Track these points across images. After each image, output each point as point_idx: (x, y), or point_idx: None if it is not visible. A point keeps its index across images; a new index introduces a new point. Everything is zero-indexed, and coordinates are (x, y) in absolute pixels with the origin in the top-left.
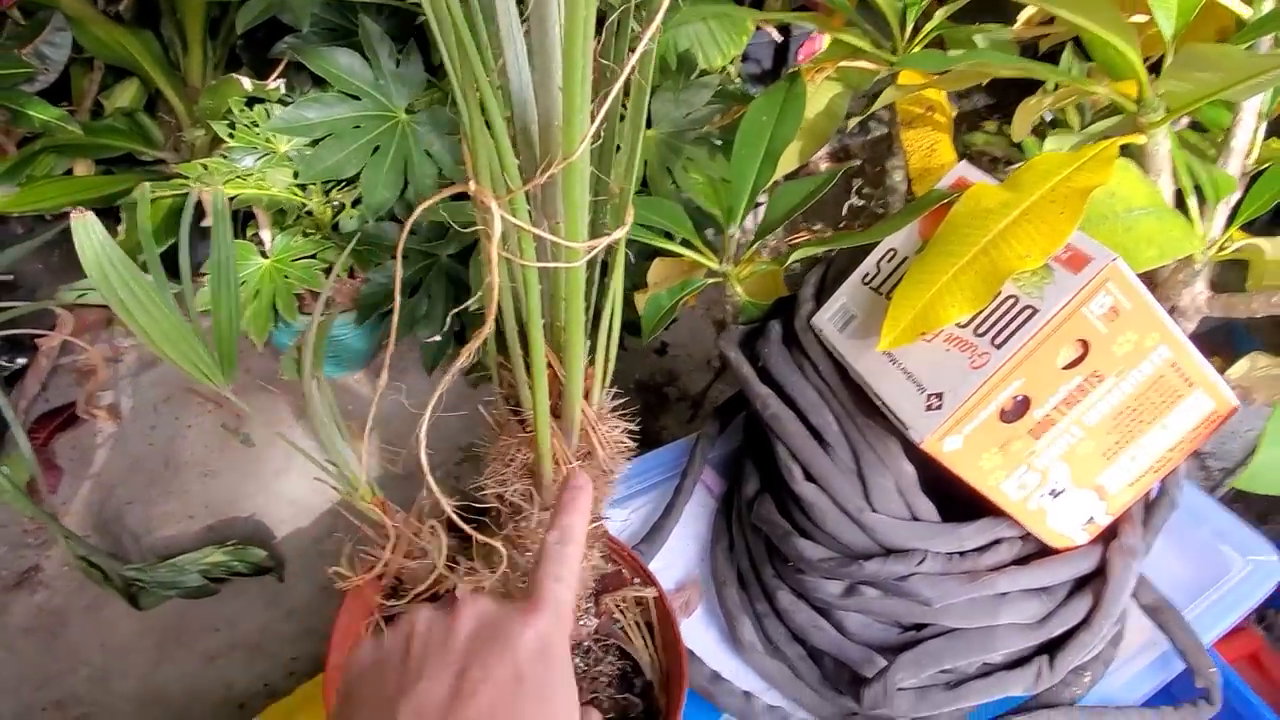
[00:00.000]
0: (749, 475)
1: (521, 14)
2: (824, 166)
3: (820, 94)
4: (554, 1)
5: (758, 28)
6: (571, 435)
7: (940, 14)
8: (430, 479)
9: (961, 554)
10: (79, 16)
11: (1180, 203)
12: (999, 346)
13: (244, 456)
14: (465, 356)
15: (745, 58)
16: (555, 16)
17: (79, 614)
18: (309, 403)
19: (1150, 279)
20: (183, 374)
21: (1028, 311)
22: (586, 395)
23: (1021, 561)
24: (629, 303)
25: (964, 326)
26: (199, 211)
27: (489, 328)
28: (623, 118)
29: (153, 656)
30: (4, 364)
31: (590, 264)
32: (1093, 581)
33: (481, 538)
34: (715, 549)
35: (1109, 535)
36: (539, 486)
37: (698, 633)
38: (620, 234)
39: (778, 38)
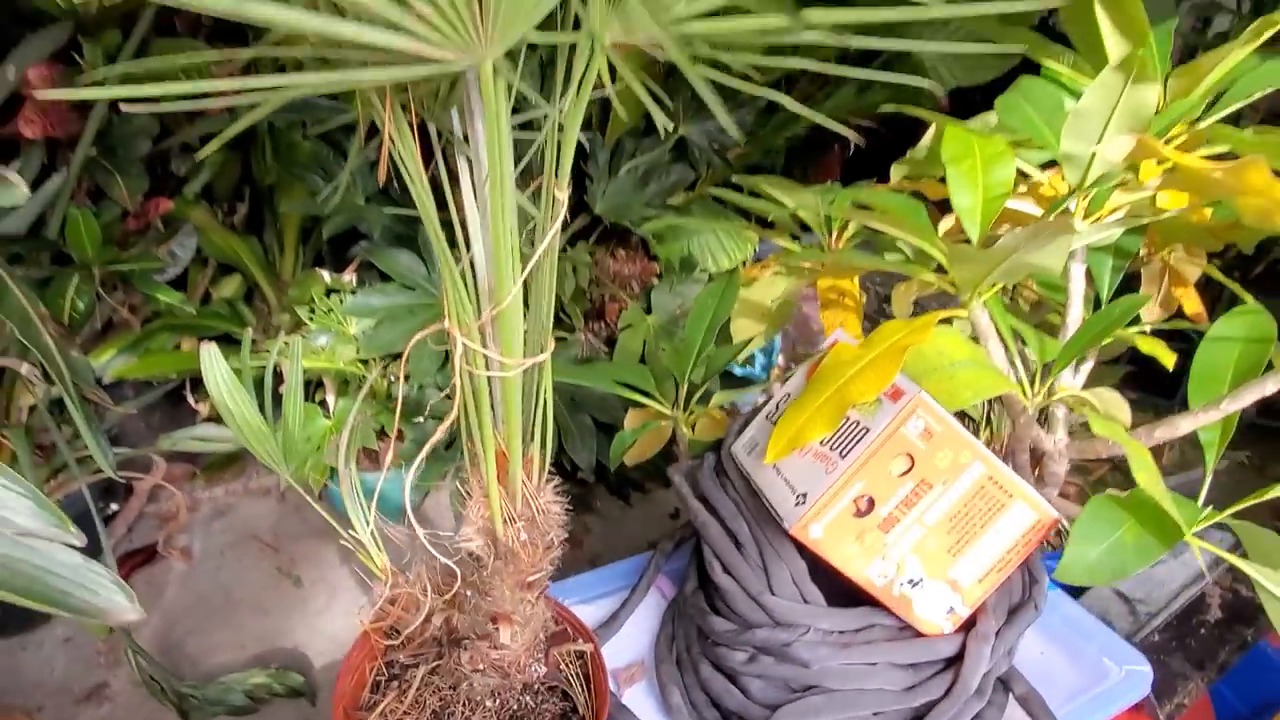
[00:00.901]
0: (690, 576)
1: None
2: None
3: (775, 286)
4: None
5: (762, 239)
6: (515, 500)
7: (852, 225)
8: (417, 526)
9: (841, 631)
10: (203, 225)
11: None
12: (844, 457)
13: (293, 596)
14: (440, 432)
15: (757, 259)
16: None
17: None
18: (342, 481)
19: (1011, 427)
20: (248, 522)
21: (864, 431)
22: (527, 470)
23: (894, 640)
24: (635, 465)
25: (824, 444)
26: (277, 379)
27: (456, 412)
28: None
29: None
30: (101, 507)
31: (532, 379)
32: (956, 663)
33: (446, 562)
34: (660, 636)
35: (970, 624)
36: (494, 541)
37: (639, 700)
38: (543, 358)
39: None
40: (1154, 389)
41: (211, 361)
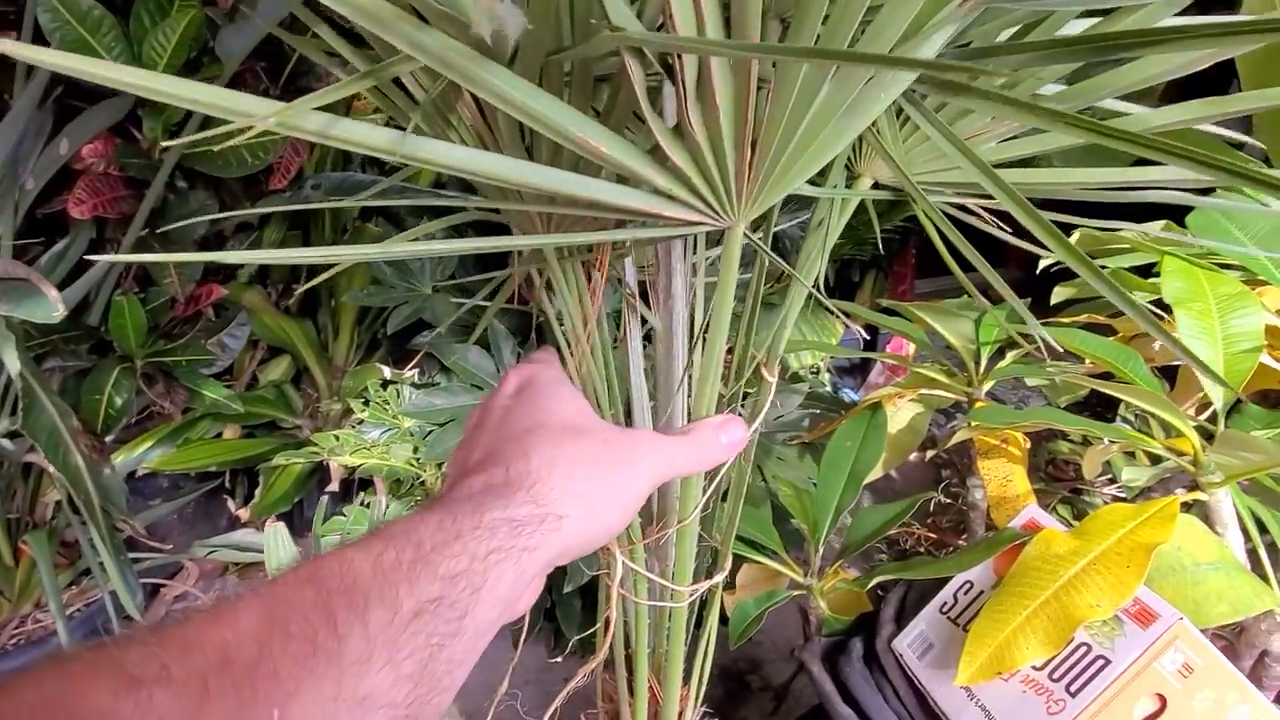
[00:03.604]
0: None
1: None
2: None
3: (903, 413)
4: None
5: (845, 326)
6: None
7: (1011, 356)
8: None
9: None
10: (255, 309)
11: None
12: (1074, 695)
13: None
14: (580, 678)
15: (867, 375)
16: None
17: None
18: None
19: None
20: None
21: (1100, 662)
22: (681, 715)
23: None
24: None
25: (1040, 669)
26: (325, 477)
27: (603, 654)
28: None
29: None
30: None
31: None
32: None
33: None
34: None
35: None
36: None
37: None
38: (719, 579)
39: (865, 335)
40: None
41: (277, 543)
